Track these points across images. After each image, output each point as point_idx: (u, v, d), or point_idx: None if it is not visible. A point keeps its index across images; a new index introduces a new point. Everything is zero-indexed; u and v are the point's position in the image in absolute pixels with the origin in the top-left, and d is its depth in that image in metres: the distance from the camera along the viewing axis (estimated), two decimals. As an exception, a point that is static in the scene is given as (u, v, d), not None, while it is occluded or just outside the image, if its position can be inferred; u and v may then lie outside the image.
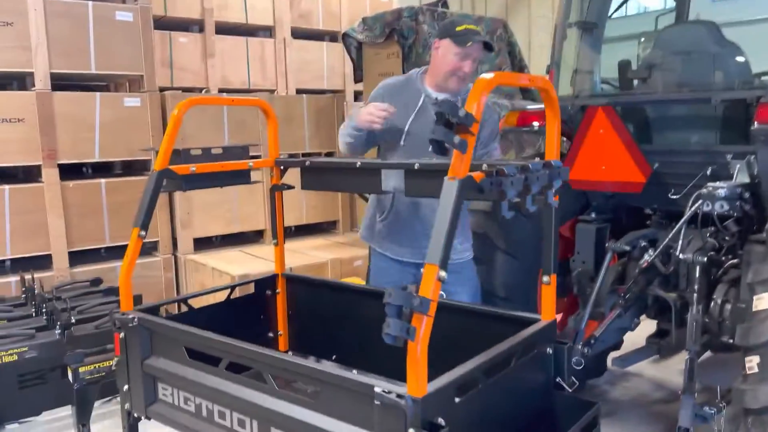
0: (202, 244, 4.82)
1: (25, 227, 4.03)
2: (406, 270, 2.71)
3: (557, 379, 1.88)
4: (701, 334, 2.37)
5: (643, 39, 3.31)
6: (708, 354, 2.88)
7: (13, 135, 3.95)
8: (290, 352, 2.73)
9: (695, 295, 2.40)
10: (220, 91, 5.40)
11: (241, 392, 1.79)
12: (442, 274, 1.37)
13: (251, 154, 2.61)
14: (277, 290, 2.70)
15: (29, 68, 3.99)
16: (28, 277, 3.74)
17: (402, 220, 2.67)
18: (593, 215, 3.01)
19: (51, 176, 4.07)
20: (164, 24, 5.13)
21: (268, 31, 5.92)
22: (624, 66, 2.97)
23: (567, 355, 1.88)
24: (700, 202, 2.29)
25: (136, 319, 2.06)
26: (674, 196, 2.57)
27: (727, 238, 2.46)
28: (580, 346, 2.46)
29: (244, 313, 2.64)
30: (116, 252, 4.42)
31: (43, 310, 3.42)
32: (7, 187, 3.95)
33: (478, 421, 1.55)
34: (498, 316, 2.08)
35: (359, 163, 2.20)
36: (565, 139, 2.94)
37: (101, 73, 4.27)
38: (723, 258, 2.51)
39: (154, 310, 2.28)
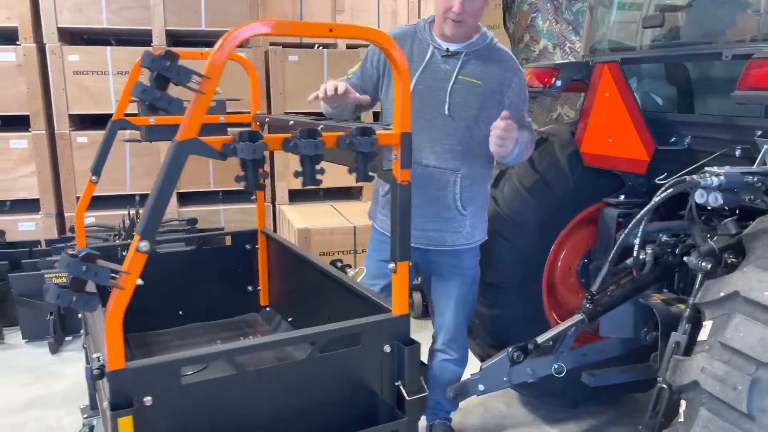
0: (307, 195, 5.02)
1: (142, 167, 4.60)
2: None
3: (397, 383, 1.63)
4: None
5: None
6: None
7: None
8: (269, 308, 2.77)
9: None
10: (348, 47, 5.45)
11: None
12: (142, 245, 1.26)
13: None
14: (257, 245, 2.73)
15: (148, 26, 4.46)
16: (132, 211, 4.31)
17: None
18: (622, 198, 2.46)
19: (164, 124, 4.55)
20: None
21: (400, -16, 5.80)
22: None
23: (410, 357, 1.61)
24: (672, 190, 1.73)
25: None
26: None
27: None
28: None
29: (223, 263, 2.72)
30: (220, 196, 4.87)
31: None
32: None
33: (215, 406, 1.42)
34: (357, 295, 1.86)
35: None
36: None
37: (210, 29, 4.60)
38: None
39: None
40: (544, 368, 2.30)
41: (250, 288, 2.76)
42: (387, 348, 1.61)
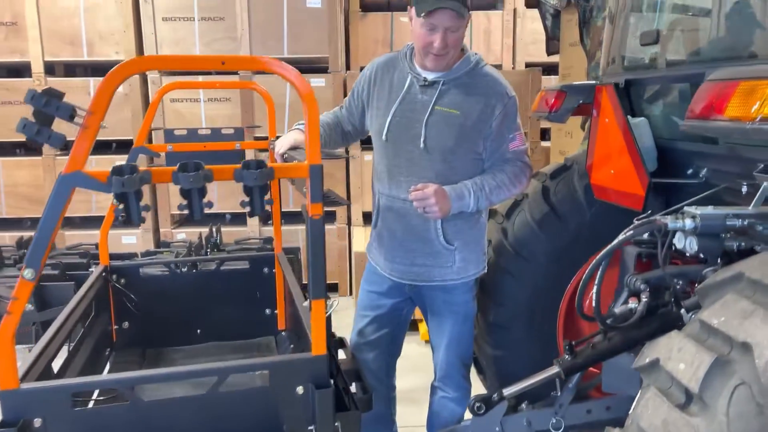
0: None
1: (227, 187, 4.88)
2: (396, 289, 2.28)
3: (310, 428, 1.56)
4: None
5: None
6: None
7: (221, 112, 4.81)
8: (285, 332, 2.79)
9: None
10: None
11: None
12: (27, 273, 1.33)
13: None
14: (274, 270, 2.77)
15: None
16: (214, 228, 4.59)
17: (390, 230, 2.23)
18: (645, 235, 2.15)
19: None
20: (382, 6, 5.39)
21: (494, 4, 5.66)
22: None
23: (322, 401, 1.54)
24: (632, 233, 1.47)
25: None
26: None
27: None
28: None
29: (243, 285, 2.78)
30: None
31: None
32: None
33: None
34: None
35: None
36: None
37: (291, 57, 4.79)
38: None
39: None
40: (541, 421, 2.08)
41: (267, 311, 2.81)
42: (300, 389, 1.55)
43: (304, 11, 4.72)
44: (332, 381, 1.88)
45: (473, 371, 2.62)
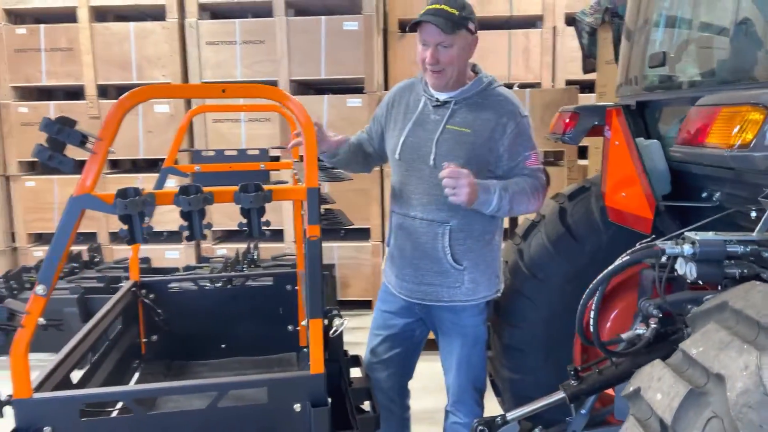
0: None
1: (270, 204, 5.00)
2: (407, 309, 2.29)
3: (307, 442, 1.59)
4: None
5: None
6: None
7: (261, 131, 4.95)
8: (306, 349, 2.83)
9: None
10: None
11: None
12: (39, 289, 1.43)
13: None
14: (296, 287, 2.83)
15: (275, 77, 4.90)
16: (252, 244, 4.72)
17: (400, 248, 2.25)
18: (663, 258, 2.10)
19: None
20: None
21: (533, 23, 5.64)
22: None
23: (317, 419, 1.57)
24: (628, 258, 1.44)
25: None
26: None
27: None
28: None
29: (266, 302, 2.85)
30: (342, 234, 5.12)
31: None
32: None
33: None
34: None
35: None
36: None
37: (328, 78, 4.90)
38: None
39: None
40: None
41: (290, 327, 2.86)
42: (297, 407, 1.59)
43: (341, 33, 4.82)
44: (343, 397, 1.92)
45: (492, 393, 2.61)
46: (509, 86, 5.56)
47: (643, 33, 2.11)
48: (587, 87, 5.34)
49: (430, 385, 2.89)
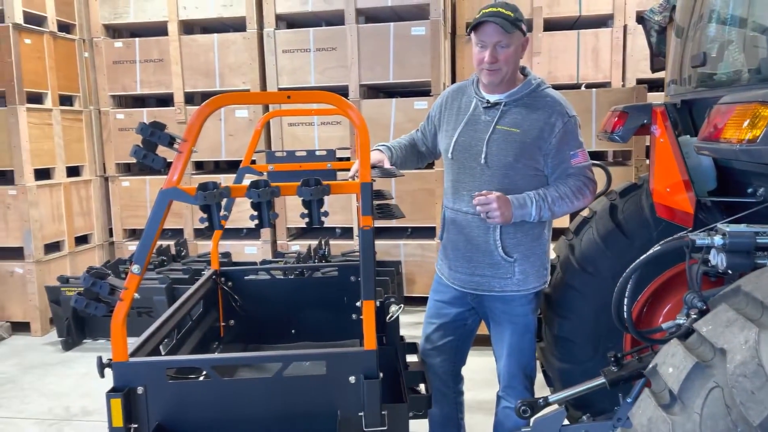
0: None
1: (337, 203, 5.26)
2: (460, 299, 2.43)
3: (360, 414, 1.77)
4: None
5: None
6: None
7: (333, 134, 5.20)
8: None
9: None
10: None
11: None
12: (135, 268, 1.68)
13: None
14: (359, 278, 3.01)
15: (346, 82, 5.14)
16: (323, 241, 4.97)
17: (453, 241, 2.40)
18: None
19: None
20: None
21: (603, 22, 5.62)
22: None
23: (369, 391, 1.75)
24: (659, 248, 1.52)
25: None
26: None
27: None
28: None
29: (331, 292, 3.06)
30: (408, 232, 5.30)
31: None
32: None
33: (200, 412, 1.74)
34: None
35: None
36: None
37: (396, 81, 5.08)
38: None
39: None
40: None
41: (354, 316, 3.06)
42: (352, 379, 1.77)
43: (409, 39, 5.00)
44: (399, 378, 2.09)
45: (543, 383, 2.70)
46: (577, 86, 5.63)
47: (689, 32, 2.15)
48: (659, 85, 5.27)
49: (486, 376, 3.01)
